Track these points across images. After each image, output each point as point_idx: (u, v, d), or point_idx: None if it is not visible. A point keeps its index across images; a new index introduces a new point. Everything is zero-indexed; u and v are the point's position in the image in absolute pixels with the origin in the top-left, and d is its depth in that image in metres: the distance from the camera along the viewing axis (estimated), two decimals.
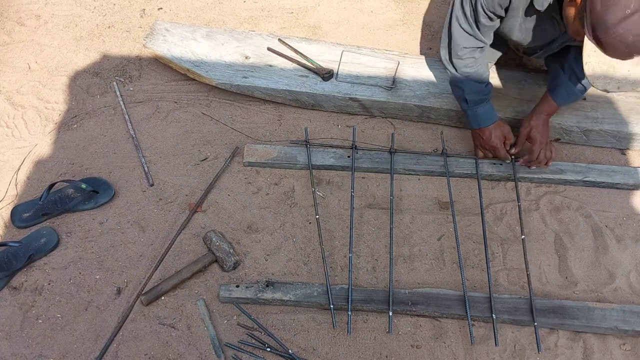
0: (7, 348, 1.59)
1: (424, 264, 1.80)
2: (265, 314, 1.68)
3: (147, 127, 2.09)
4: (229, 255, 1.73)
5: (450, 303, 1.67)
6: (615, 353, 1.64)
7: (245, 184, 1.96)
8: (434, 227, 1.88)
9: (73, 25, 2.40)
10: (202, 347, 1.61)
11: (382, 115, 2.15)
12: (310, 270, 1.77)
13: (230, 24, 2.45)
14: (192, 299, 1.70)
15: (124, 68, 2.26)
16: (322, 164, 1.97)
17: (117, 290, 1.70)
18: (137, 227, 1.83)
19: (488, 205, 1.93)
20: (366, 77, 2.14)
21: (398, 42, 2.42)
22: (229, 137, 2.07)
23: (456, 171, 1.97)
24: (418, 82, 2.14)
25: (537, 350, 1.62)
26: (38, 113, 2.10)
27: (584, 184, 1.98)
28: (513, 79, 2.16)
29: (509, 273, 1.78)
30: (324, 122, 2.13)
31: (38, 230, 1.78)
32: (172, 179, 1.95)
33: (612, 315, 1.65)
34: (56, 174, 1.94)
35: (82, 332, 1.63)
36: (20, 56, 2.28)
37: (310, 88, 2.10)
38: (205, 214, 1.87)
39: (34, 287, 1.70)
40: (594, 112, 2.07)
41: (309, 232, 1.85)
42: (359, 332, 1.66)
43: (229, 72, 2.12)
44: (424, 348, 1.64)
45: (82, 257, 1.77)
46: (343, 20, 2.49)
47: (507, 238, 1.85)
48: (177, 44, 2.19)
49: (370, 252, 1.81)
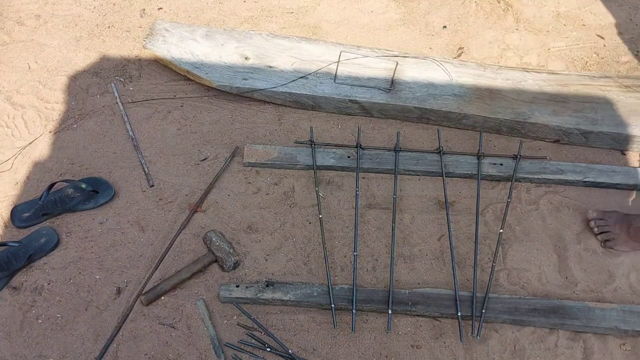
0: (7, 348, 1.59)
1: (424, 264, 1.80)
2: (265, 314, 1.68)
3: (147, 127, 2.09)
4: (229, 255, 1.73)
5: (450, 303, 1.67)
6: (615, 353, 1.64)
7: (245, 184, 1.96)
8: (434, 227, 1.88)
9: (73, 25, 2.40)
10: (202, 347, 1.61)
11: (382, 117, 2.15)
12: (310, 270, 1.77)
13: (231, 23, 2.45)
14: (192, 299, 1.69)
15: (123, 68, 2.26)
16: (322, 164, 1.98)
17: (117, 290, 1.70)
18: (137, 227, 1.83)
19: (488, 206, 1.93)
20: (366, 78, 2.14)
21: (398, 42, 2.42)
22: (229, 137, 2.07)
23: (456, 171, 1.97)
24: (418, 84, 2.14)
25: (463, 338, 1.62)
26: (38, 113, 2.10)
27: (584, 184, 1.98)
28: (512, 79, 2.16)
29: (509, 273, 1.78)
30: (323, 123, 2.13)
31: (38, 230, 1.78)
32: (172, 179, 1.95)
33: (612, 315, 1.66)
34: (56, 174, 1.94)
35: (82, 332, 1.63)
36: (20, 56, 2.28)
37: (310, 90, 2.10)
38: (205, 214, 1.87)
39: (34, 287, 1.70)
40: (594, 113, 2.07)
41: (309, 232, 1.85)
42: (359, 332, 1.66)
43: (228, 74, 2.12)
44: (424, 348, 1.64)
45: (82, 257, 1.77)
46: (343, 20, 2.50)
47: (507, 238, 1.86)
48: (177, 44, 2.19)
49: (371, 252, 1.81)
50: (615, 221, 1.84)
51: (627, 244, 1.82)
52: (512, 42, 2.42)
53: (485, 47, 2.40)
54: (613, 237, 1.82)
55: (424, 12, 2.55)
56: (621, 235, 1.82)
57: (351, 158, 1.98)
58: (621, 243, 1.82)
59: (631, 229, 1.81)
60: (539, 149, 2.08)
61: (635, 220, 1.82)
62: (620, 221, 1.83)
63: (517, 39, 2.43)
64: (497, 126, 2.09)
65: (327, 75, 2.14)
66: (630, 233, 1.81)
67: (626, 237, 1.81)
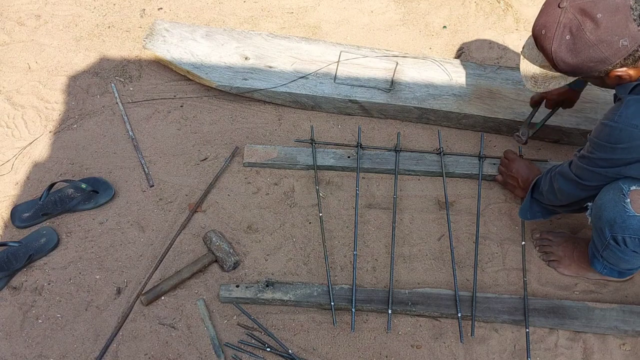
0: (7, 348, 1.59)
1: (424, 264, 1.80)
2: (265, 314, 1.68)
3: (147, 127, 2.09)
4: (229, 255, 1.73)
5: (450, 303, 1.67)
6: (615, 353, 1.64)
7: (245, 184, 1.96)
8: (433, 227, 1.88)
9: (73, 25, 2.40)
10: (202, 347, 1.61)
11: (382, 117, 2.15)
12: (310, 270, 1.77)
13: (231, 23, 2.45)
14: (192, 299, 1.70)
15: (124, 68, 2.26)
16: (322, 164, 1.98)
17: (117, 290, 1.70)
18: (137, 227, 1.83)
19: (488, 205, 1.93)
20: (365, 78, 2.14)
21: (398, 42, 2.42)
22: (229, 137, 2.07)
23: (456, 171, 1.98)
24: (418, 84, 2.14)
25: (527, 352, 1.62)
26: (38, 113, 2.10)
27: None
28: (512, 79, 2.17)
29: (509, 273, 1.78)
30: (323, 123, 2.13)
31: (38, 230, 1.78)
32: (172, 179, 1.95)
33: (612, 315, 1.66)
34: (56, 174, 1.94)
35: (82, 332, 1.63)
36: (20, 56, 2.28)
37: (310, 90, 2.10)
38: (205, 214, 1.87)
39: (34, 287, 1.70)
40: (594, 114, 2.07)
41: (309, 232, 1.85)
42: (359, 332, 1.66)
43: (228, 74, 2.12)
44: (424, 348, 1.64)
45: (82, 257, 1.77)
46: (343, 20, 2.50)
47: (507, 238, 1.86)
48: (177, 44, 2.19)
49: (370, 252, 1.81)
50: (559, 243, 1.78)
51: (570, 268, 1.75)
52: (512, 42, 2.42)
53: (485, 47, 2.40)
54: (557, 259, 1.77)
55: (424, 12, 2.55)
56: (564, 258, 1.76)
57: (351, 158, 1.98)
58: (565, 266, 1.76)
59: (575, 253, 1.74)
60: (539, 149, 2.08)
61: (580, 244, 1.75)
62: (565, 243, 1.77)
63: (517, 39, 2.42)
64: (497, 126, 2.09)
65: (327, 75, 2.14)
66: (574, 257, 1.74)
67: (569, 261, 1.75)
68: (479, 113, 2.06)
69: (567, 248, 1.76)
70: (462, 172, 1.97)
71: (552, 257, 1.78)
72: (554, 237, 1.80)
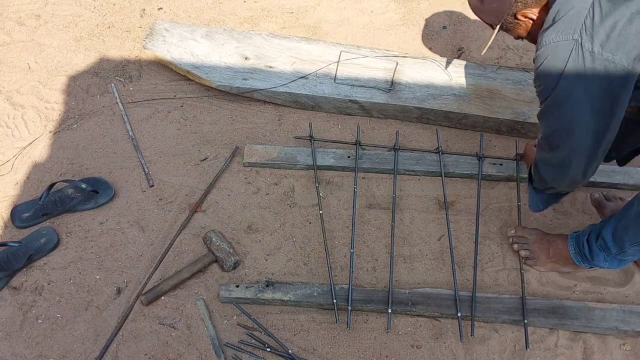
0: (7, 348, 1.59)
1: (424, 264, 1.80)
2: (265, 314, 1.68)
3: (147, 127, 2.09)
4: (229, 255, 1.73)
5: (450, 303, 1.67)
6: (615, 353, 1.64)
7: (245, 184, 1.96)
8: (433, 227, 1.88)
9: (73, 25, 2.40)
10: (202, 347, 1.61)
11: (382, 117, 2.15)
12: (310, 270, 1.77)
13: (230, 23, 2.45)
14: (192, 299, 1.69)
15: (123, 68, 2.26)
16: (322, 164, 1.98)
17: (117, 290, 1.70)
18: (137, 227, 1.83)
19: (488, 205, 1.93)
20: (365, 78, 2.14)
21: (398, 42, 2.42)
22: (229, 137, 2.07)
23: (456, 171, 1.98)
24: (418, 84, 2.14)
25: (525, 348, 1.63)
26: (38, 113, 2.10)
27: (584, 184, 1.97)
28: (512, 79, 2.17)
29: (509, 273, 1.78)
30: (324, 122, 2.13)
31: (38, 230, 1.78)
32: (172, 179, 1.95)
33: (612, 315, 1.66)
34: (56, 174, 1.94)
35: (82, 332, 1.63)
36: (20, 56, 2.28)
37: (310, 90, 2.10)
38: (205, 214, 1.87)
39: (34, 287, 1.70)
40: None
41: (309, 232, 1.85)
42: (359, 332, 1.66)
43: (228, 74, 2.12)
44: (424, 348, 1.64)
45: (82, 257, 1.77)
46: (343, 20, 2.50)
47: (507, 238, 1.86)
48: (177, 44, 2.19)
49: (370, 252, 1.81)
50: (534, 240, 1.78)
51: (546, 265, 1.76)
52: (512, 42, 2.42)
53: None
54: (533, 257, 1.77)
55: (424, 12, 2.55)
56: (541, 255, 1.76)
57: (351, 158, 1.98)
58: (541, 264, 1.76)
59: (551, 250, 1.74)
60: None
61: (555, 242, 1.75)
62: (540, 241, 1.77)
63: (517, 39, 2.42)
64: (497, 126, 2.09)
65: (327, 75, 2.14)
66: (550, 254, 1.75)
67: (545, 258, 1.76)
68: (478, 113, 2.06)
69: (542, 245, 1.77)
70: (462, 172, 1.97)
71: (529, 255, 1.78)
72: (529, 235, 1.80)
